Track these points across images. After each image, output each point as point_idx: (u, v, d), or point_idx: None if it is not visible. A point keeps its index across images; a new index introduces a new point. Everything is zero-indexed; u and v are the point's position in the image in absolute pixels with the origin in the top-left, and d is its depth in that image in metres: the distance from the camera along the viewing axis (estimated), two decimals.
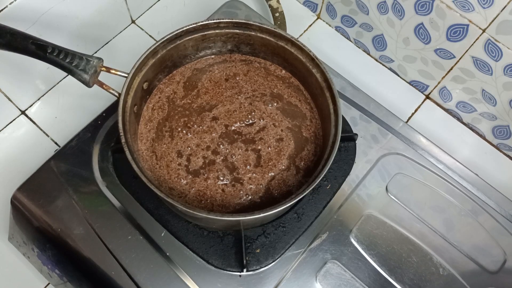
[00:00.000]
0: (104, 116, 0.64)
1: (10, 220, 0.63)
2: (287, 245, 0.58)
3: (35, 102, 0.74)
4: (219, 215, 0.48)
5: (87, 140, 0.63)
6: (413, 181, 0.64)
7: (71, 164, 0.61)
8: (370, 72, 0.81)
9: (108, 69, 0.53)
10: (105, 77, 0.53)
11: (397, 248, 0.60)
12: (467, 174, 0.66)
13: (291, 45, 0.58)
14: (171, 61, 0.59)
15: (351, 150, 0.64)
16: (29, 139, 0.72)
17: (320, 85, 0.57)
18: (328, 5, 0.82)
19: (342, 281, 0.58)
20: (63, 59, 0.51)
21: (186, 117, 0.59)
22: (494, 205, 0.64)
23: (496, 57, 0.65)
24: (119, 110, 0.51)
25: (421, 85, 0.80)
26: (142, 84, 0.56)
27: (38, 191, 0.59)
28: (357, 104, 0.69)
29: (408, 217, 0.62)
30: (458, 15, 0.64)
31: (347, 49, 0.84)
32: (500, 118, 0.72)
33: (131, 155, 0.49)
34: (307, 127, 0.60)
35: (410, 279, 0.59)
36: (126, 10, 0.78)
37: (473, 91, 0.73)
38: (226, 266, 0.56)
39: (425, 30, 0.70)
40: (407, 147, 0.66)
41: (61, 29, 0.68)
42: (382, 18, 0.74)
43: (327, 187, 0.62)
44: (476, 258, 0.61)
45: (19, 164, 0.69)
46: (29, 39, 0.50)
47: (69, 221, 0.58)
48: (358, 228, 0.61)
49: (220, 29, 0.58)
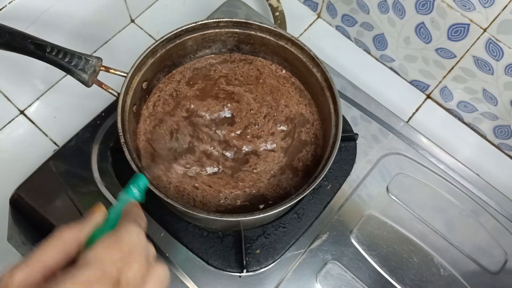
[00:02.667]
0: (103, 116, 0.64)
1: (9, 221, 0.62)
2: (287, 245, 0.58)
3: (34, 102, 0.73)
4: (219, 216, 0.48)
5: (86, 140, 0.62)
6: (414, 181, 0.64)
7: (70, 164, 0.61)
8: (371, 72, 0.81)
9: (107, 69, 0.52)
10: (104, 77, 0.52)
11: (398, 249, 0.60)
12: (468, 174, 0.66)
13: (291, 44, 0.58)
14: (171, 60, 0.59)
15: (351, 150, 0.64)
16: (28, 139, 0.71)
17: (321, 85, 0.56)
18: (329, 4, 0.81)
19: (343, 282, 0.57)
20: (62, 59, 0.50)
21: (185, 117, 0.58)
22: (495, 205, 0.64)
23: (497, 57, 0.65)
24: (118, 110, 0.51)
25: (422, 85, 0.79)
26: (142, 84, 0.56)
27: (37, 191, 0.59)
28: (357, 103, 0.69)
29: (409, 218, 0.62)
30: (459, 14, 0.64)
31: (347, 48, 0.83)
32: (501, 118, 0.72)
33: (130, 155, 0.49)
34: (307, 129, 0.59)
35: (411, 280, 0.58)
36: (126, 9, 0.78)
37: (474, 91, 0.72)
38: (226, 267, 0.56)
39: (426, 29, 0.69)
40: (408, 147, 0.66)
41: (60, 28, 0.67)
42: (382, 17, 0.74)
43: (328, 187, 0.62)
44: (477, 258, 0.61)
45: (18, 164, 0.69)
46: (28, 39, 0.50)
47: (68, 221, 0.57)
48: (358, 229, 0.60)
49: (220, 29, 0.58)
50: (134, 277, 0.29)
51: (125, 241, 0.30)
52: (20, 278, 0.27)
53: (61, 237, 0.30)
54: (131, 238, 0.30)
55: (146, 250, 0.31)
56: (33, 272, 0.28)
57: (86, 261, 0.27)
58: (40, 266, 0.28)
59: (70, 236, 0.30)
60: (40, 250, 0.29)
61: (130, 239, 0.30)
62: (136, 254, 0.30)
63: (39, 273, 0.28)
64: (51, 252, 0.29)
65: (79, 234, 0.31)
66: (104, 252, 0.28)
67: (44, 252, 0.29)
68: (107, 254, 0.28)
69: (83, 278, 0.26)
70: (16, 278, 0.27)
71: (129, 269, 0.29)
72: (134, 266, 0.29)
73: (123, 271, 0.28)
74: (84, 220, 0.32)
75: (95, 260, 0.27)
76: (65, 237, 0.30)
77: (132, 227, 0.31)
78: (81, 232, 0.31)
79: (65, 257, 0.29)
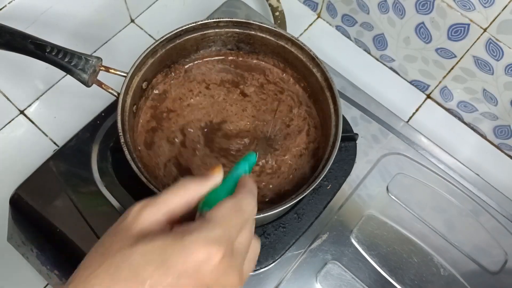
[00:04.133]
0: (103, 116, 0.64)
1: (9, 221, 0.62)
2: (287, 245, 0.58)
3: (34, 102, 0.73)
4: None
5: (86, 140, 0.62)
6: (414, 181, 0.64)
7: (70, 164, 0.61)
8: (371, 72, 0.81)
9: (107, 69, 0.52)
10: (104, 77, 0.52)
11: (398, 249, 0.60)
12: (468, 174, 0.66)
13: (291, 44, 0.58)
14: (171, 60, 0.59)
15: (351, 150, 0.64)
16: (28, 139, 0.71)
17: (321, 85, 0.56)
18: (329, 4, 0.81)
19: (343, 282, 0.57)
20: (62, 59, 0.50)
21: (185, 118, 0.58)
22: (495, 205, 0.64)
23: (497, 57, 0.65)
24: (118, 110, 0.51)
25: (422, 85, 0.79)
26: (141, 84, 0.56)
27: (37, 191, 0.59)
28: (357, 103, 0.68)
29: (409, 218, 0.62)
30: (459, 14, 0.64)
31: (347, 48, 0.83)
32: (501, 118, 0.72)
33: (130, 155, 0.49)
34: (308, 128, 0.59)
35: (410, 280, 0.58)
36: (126, 9, 0.78)
37: (474, 91, 0.72)
38: None
39: (426, 29, 0.69)
40: (407, 147, 0.66)
41: (60, 28, 0.67)
42: (382, 17, 0.74)
43: (328, 187, 0.62)
44: (477, 258, 0.61)
45: (17, 164, 0.69)
46: (28, 39, 0.50)
47: (68, 221, 0.58)
48: (358, 229, 0.60)
49: (220, 28, 0.58)
50: (244, 245, 0.30)
51: (245, 209, 0.31)
52: (147, 216, 0.29)
53: (186, 186, 0.31)
54: (249, 207, 0.32)
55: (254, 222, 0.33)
56: (159, 213, 0.29)
57: (215, 219, 0.29)
58: (165, 208, 0.30)
59: (194, 187, 0.32)
60: (167, 194, 0.30)
61: (248, 208, 0.31)
62: (250, 223, 0.31)
63: (164, 215, 0.30)
64: (175, 197, 0.31)
65: (201, 188, 0.32)
66: (230, 215, 0.30)
67: (169, 196, 0.30)
68: (232, 217, 0.29)
69: (212, 235, 0.27)
70: (144, 216, 0.29)
71: (242, 236, 0.30)
72: (246, 234, 0.31)
73: (238, 237, 0.30)
74: (205, 177, 0.33)
75: (223, 221, 0.29)
76: (189, 187, 0.31)
77: (251, 197, 0.32)
78: (203, 187, 0.32)
79: (186, 206, 0.31)
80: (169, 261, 0.26)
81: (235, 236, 0.29)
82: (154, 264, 0.26)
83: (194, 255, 0.26)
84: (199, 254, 0.26)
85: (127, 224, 0.29)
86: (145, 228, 0.28)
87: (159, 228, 0.29)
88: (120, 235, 0.28)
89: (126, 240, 0.28)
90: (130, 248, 0.27)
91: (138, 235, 0.28)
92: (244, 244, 0.31)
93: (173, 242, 0.27)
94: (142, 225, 0.28)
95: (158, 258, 0.26)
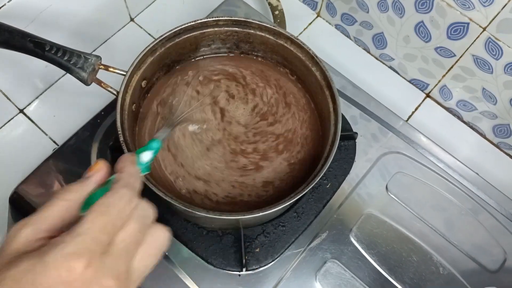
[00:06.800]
0: (103, 115, 0.64)
1: (9, 219, 0.62)
2: (286, 244, 0.58)
3: (33, 101, 0.73)
4: (218, 214, 0.48)
5: (85, 138, 0.62)
6: (413, 180, 0.64)
7: (70, 163, 0.61)
8: (370, 71, 0.81)
9: (106, 67, 0.52)
10: (103, 75, 0.52)
11: (397, 247, 0.60)
12: (468, 173, 0.66)
13: (290, 43, 0.58)
14: (170, 59, 0.59)
15: (351, 149, 0.64)
16: (27, 137, 0.71)
17: (320, 84, 0.56)
18: (328, 3, 0.81)
19: (342, 281, 0.57)
20: (61, 57, 0.50)
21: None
22: (494, 204, 0.64)
23: (496, 56, 0.65)
24: (118, 109, 0.51)
25: (421, 84, 0.79)
26: (141, 82, 0.56)
27: (36, 190, 0.59)
28: (357, 102, 0.69)
29: (408, 216, 0.62)
30: (459, 13, 0.64)
31: (347, 47, 0.83)
32: (500, 116, 0.72)
33: None
34: (307, 125, 0.59)
35: (410, 278, 0.59)
36: (125, 8, 0.78)
37: (473, 90, 0.72)
38: (225, 266, 0.56)
39: (426, 28, 0.69)
40: (407, 146, 0.66)
41: (60, 27, 0.67)
42: (382, 16, 0.74)
43: (327, 186, 0.62)
44: (476, 257, 0.61)
45: (17, 163, 0.69)
46: (27, 37, 0.50)
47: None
48: (358, 227, 0.61)
49: (219, 27, 0.58)
50: (127, 242, 0.30)
51: (116, 206, 0.30)
52: (24, 236, 0.28)
53: (63, 196, 0.31)
54: (121, 203, 0.30)
55: (142, 212, 0.32)
56: (38, 231, 0.29)
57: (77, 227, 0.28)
58: (44, 225, 0.29)
59: (72, 195, 0.31)
60: (43, 209, 0.30)
61: (119, 204, 0.30)
62: (134, 218, 0.30)
63: (46, 231, 0.29)
64: (53, 210, 0.30)
65: (79, 194, 0.32)
66: (95, 217, 0.29)
67: (47, 210, 0.30)
68: (97, 219, 0.29)
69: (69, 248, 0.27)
70: (21, 236, 0.28)
71: (122, 232, 0.29)
72: (129, 231, 0.30)
73: (116, 235, 0.29)
74: (83, 180, 0.33)
75: (85, 226, 0.28)
76: (66, 197, 0.31)
77: (123, 191, 0.31)
78: (81, 192, 0.32)
79: (68, 214, 0.31)
80: (36, 281, 0.26)
81: (105, 239, 0.28)
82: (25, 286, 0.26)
83: (56, 272, 0.26)
84: (60, 270, 0.26)
85: (4, 246, 0.28)
86: (21, 249, 0.28)
87: (40, 245, 0.28)
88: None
89: (2, 264, 0.27)
90: (5, 272, 0.26)
91: (13, 257, 0.27)
92: (127, 241, 0.30)
93: (38, 261, 0.26)
94: (18, 245, 0.28)
95: (29, 278, 0.26)
